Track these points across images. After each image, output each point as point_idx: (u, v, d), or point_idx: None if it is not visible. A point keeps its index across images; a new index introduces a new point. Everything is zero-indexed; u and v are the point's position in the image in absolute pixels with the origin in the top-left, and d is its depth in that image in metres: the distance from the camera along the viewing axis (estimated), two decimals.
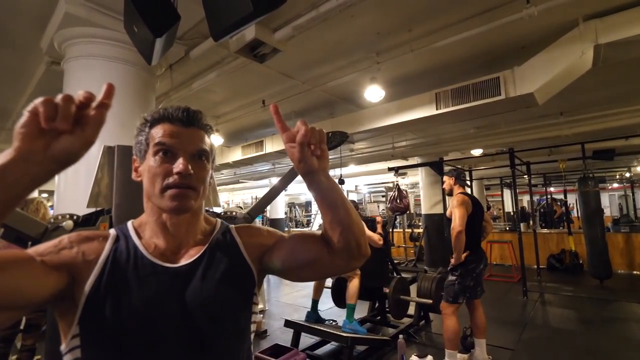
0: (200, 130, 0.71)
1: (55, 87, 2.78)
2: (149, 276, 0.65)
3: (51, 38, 2.60)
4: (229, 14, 1.91)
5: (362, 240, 0.71)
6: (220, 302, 0.68)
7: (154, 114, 0.71)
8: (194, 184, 0.67)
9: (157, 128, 0.69)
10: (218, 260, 0.72)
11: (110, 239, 0.69)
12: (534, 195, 8.43)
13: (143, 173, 0.69)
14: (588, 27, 2.88)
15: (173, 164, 0.65)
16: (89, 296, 0.61)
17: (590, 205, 5.95)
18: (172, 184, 0.65)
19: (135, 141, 0.72)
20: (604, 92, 4.65)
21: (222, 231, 0.78)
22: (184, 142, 0.68)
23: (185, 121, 0.69)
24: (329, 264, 0.73)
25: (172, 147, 0.67)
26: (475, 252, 2.98)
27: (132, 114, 2.59)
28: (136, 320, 0.61)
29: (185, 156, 0.66)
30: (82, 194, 1.75)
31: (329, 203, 0.68)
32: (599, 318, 4.35)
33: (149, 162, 0.67)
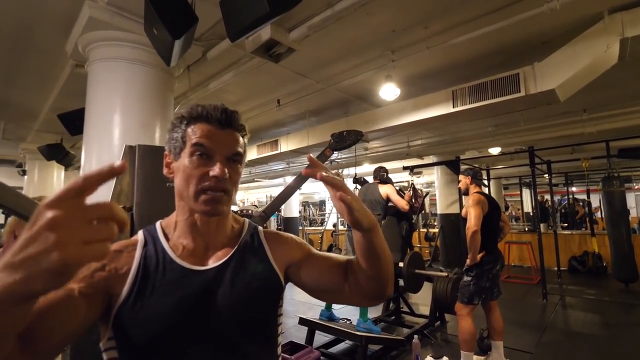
0: (236, 132, 0.71)
1: (80, 89, 2.90)
2: (177, 280, 0.66)
3: (75, 41, 2.69)
4: (245, 15, 1.94)
5: (390, 287, 0.73)
6: (250, 307, 0.68)
7: (191, 111, 0.69)
8: (228, 188, 0.67)
9: (194, 127, 0.68)
10: (246, 264, 0.72)
11: (138, 246, 0.69)
12: (555, 195, 8.18)
13: (176, 171, 0.69)
14: (614, 20, 2.77)
15: (209, 166, 0.65)
16: (122, 304, 0.62)
17: (615, 205, 5.73)
18: (207, 187, 0.65)
19: (169, 137, 0.71)
20: (631, 88, 4.46)
21: (250, 233, 0.78)
22: (221, 144, 0.67)
23: (223, 122, 0.68)
24: (348, 298, 0.76)
25: (209, 149, 0.66)
26: (491, 252, 2.93)
27: (152, 114, 2.67)
28: (166, 326, 0.62)
29: (222, 159, 0.66)
30: (105, 192, 1.82)
31: (372, 255, 0.68)
32: (623, 323, 4.19)
33: (184, 161, 0.67)
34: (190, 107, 0.70)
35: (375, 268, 0.69)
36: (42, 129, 5.44)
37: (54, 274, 0.35)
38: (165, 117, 2.77)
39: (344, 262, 0.77)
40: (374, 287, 0.72)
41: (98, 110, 2.57)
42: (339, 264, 0.77)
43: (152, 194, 1.79)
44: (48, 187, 6.75)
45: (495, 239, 3.04)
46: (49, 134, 5.52)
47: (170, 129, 0.71)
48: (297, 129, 6.12)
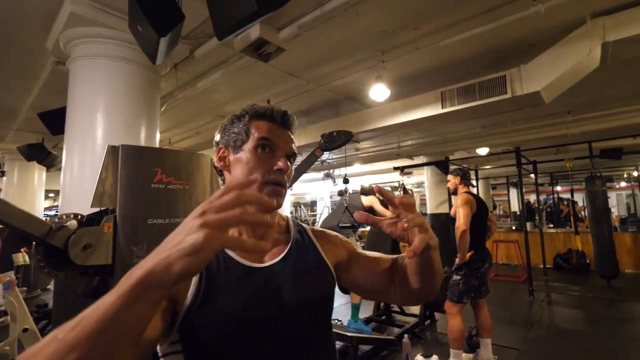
0: (291, 135, 0.76)
1: (61, 87, 2.81)
2: (241, 278, 0.67)
3: (57, 38, 2.61)
4: (233, 13, 1.90)
5: (432, 295, 0.76)
6: (312, 303, 0.70)
7: (255, 108, 0.74)
8: (286, 182, 0.70)
9: (259, 122, 0.72)
10: (303, 260, 0.74)
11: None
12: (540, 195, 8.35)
13: (235, 163, 0.72)
14: (596, 25, 2.83)
15: (271, 161, 0.69)
16: (189, 308, 0.62)
17: (598, 204, 5.88)
18: (272, 180, 0.68)
19: (229, 130, 0.74)
20: (612, 91, 4.58)
21: (297, 230, 0.80)
22: (283, 141, 0.72)
23: (285, 123, 0.73)
24: (393, 298, 0.80)
25: (274, 144, 0.70)
26: (479, 251, 2.96)
27: (137, 113, 2.61)
28: (235, 325, 0.62)
29: (284, 154, 0.71)
30: (87, 194, 1.76)
31: (430, 272, 0.70)
32: (606, 318, 4.30)
33: (247, 154, 0.70)
34: (251, 105, 0.75)
35: (430, 283, 0.71)
36: (22, 128, 5.27)
37: (191, 254, 0.38)
38: (151, 117, 2.71)
39: (390, 263, 0.79)
40: (422, 295, 0.74)
41: (80, 109, 2.50)
42: (386, 265, 0.79)
43: (136, 195, 1.75)
44: (28, 189, 6.54)
45: (483, 238, 3.08)
46: (29, 133, 5.34)
47: (228, 124, 0.75)
48: None
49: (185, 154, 1.99)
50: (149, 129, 2.65)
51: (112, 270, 1.66)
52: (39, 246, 1.49)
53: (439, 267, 0.70)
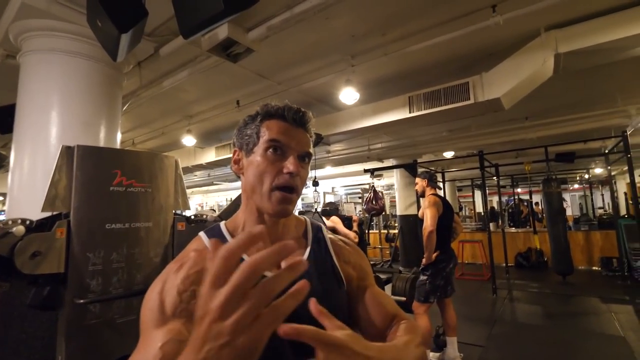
0: (306, 133, 0.71)
1: (10, 83, 2.61)
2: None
3: (6, 29, 2.42)
4: (198, 12, 1.85)
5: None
6: (333, 312, 0.64)
7: (267, 108, 0.70)
8: (298, 186, 0.67)
9: (270, 123, 0.68)
10: (321, 267, 0.71)
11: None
12: (502, 196, 8.79)
13: (248, 166, 0.69)
14: (549, 37, 3.03)
15: (282, 163, 0.66)
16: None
17: (554, 205, 6.27)
18: (281, 184, 0.65)
19: (242, 133, 0.71)
20: (565, 99, 4.91)
21: (315, 236, 0.76)
22: (295, 141, 0.68)
23: (297, 121, 0.69)
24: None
25: (284, 145, 0.66)
26: (445, 251, 3.06)
27: (97, 112, 2.47)
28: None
29: (295, 156, 0.67)
30: (39, 197, 1.63)
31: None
32: (562, 312, 4.58)
33: (257, 157, 0.67)
34: (264, 105, 0.71)
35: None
36: None
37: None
38: (111, 116, 2.58)
39: (392, 316, 0.71)
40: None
41: (32, 107, 2.33)
42: (387, 318, 0.71)
43: (92, 198, 1.65)
44: None
45: (449, 239, 3.18)
46: None
47: (242, 125, 0.72)
48: None
49: (147, 155, 1.90)
50: (109, 129, 2.52)
51: (65, 278, 1.55)
52: None
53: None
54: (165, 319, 0.56)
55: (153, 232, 1.82)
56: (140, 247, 1.76)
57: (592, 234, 7.43)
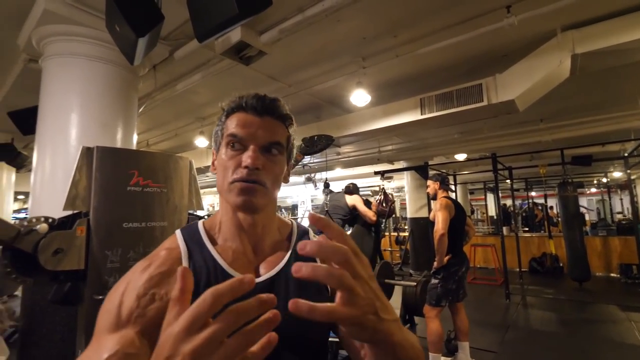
0: (275, 120, 0.66)
1: (33, 85, 2.71)
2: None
3: (29, 35, 2.52)
4: (213, 16, 1.89)
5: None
6: (307, 325, 0.59)
7: (230, 102, 0.67)
8: (263, 180, 0.62)
9: (231, 118, 0.65)
10: (300, 281, 0.63)
11: (184, 260, 0.62)
12: (516, 199, 8.63)
13: (217, 166, 0.67)
14: (566, 37, 2.98)
15: (242, 157, 0.62)
16: None
17: (570, 209, 6.13)
18: (238, 178, 0.61)
19: (213, 132, 0.70)
20: (582, 100, 4.81)
21: (300, 237, 0.72)
22: (255, 132, 0.63)
23: (259, 110, 0.64)
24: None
25: (243, 139, 0.62)
26: (457, 255, 3.03)
27: (114, 114, 2.54)
28: None
29: (256, 148, 0.62)
30: (59, 196, 1.70)
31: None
32: (578, 320, 4.47)
33: (221, 154, 0.65)
34: (231, 98, 0.67)
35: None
36: None
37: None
38: (128, 118, 2.65)
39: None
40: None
41: (53, 109, 2.41)
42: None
43: (111, 198, 1.70)
44: None
45: (460, 242, 3.15)
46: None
47: (217, 124, 0.69)
48: None
49: (162, 156, 1.95)
50: (125, 131, 2.59)
51: (85, 275, 1.60)
52: (6, 251, 1.43)
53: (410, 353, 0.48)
54: (119, 324, 0.54)
55: (168, 231, 1.86)
56: (156, 246, 1.78)
57: (611, 239, 7.22)
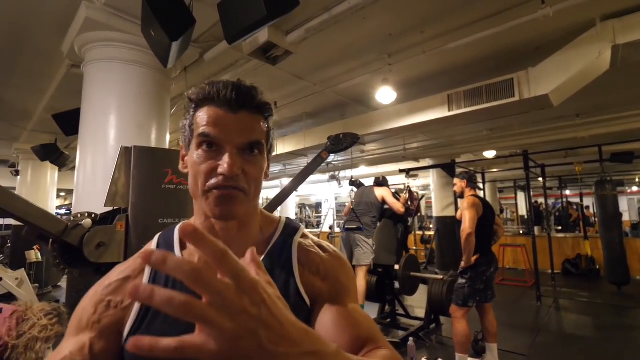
0: (253, 115, 0.57)
1: (75, 90, 2.89)
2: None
3: (72, 42, 2.69)
4: (243, 18, 1.95)
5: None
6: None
7: (199, 92, 0.57)
8: (243, 185, 0.54)
9: (201, 112, 0.56)
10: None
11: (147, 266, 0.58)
12: (549, 199, 8.26)
13: (188, 166, 0.59)
14: (605, 27, 2.82)
15: (218, 160, 0.54)
16: (124, 341, 0.54)
17: (608, 209, 5.80)
18: (214, 185, 0.53)
19: (180, 125, 0.60)
20: (622, 94, 4.53)
21: (282, 239, 0.63)
22: (231, 132, 0.54)
23: (234, 104, 0.55)
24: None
25: (217, 140, 0.54)
26: (485, 255, 2.95)
27: (149, 115, 2.67)
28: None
29: (233, 151, 0.54)
30: (100, 193, 1.81)
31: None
32: (616, 325, 4.24)
33: (192, 154, 0.56)
34: (199, 87, 0.57)
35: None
36: (36, 129, 5.40)
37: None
38: (161, 119, 2.77)
39: (364, 340, 0.56)
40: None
41: (94, 111, 2.57)
42: (357, 342, 0.55)
43: (148, 195, 1.79)
44: (41, 188, 6.69)
45: (489, 242, 3.07)
46: (43, 134, 5.48)
47: (183, 115, 0.60)
48: (294, 131, 6.14)
49: None
50: (159, 131, 2.71)
51: None
52: (56, 244, 1.54)
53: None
54: (80, 328, 0.54)
55: None
56: None
57: None
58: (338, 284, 0.61)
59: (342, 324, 0.56)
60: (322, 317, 0.57)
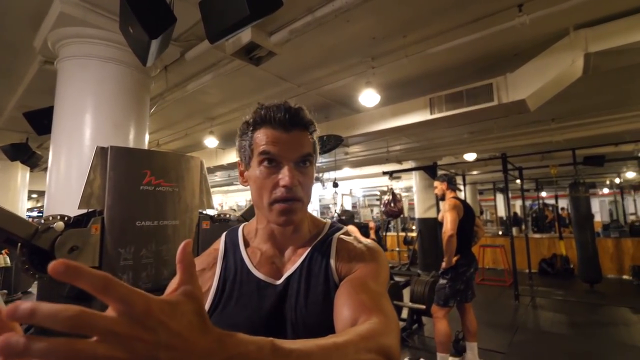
0: (302, 132, 0.66)
1: (48, 87, 2.77)
2: (253, 292, 0.66)
3: (45, 37, 2.58)
4: (225, 17, 1.92)
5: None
6: (317, 319, 0.63)
7: (255, 116, 0.67)
8: (300, 195, 0.64)
9: (259, 133, 0.66)
10: (312, 273, 0.67)
11: (219, 258, 0.71)
12: (526, 200, 8.53)
13: (249, 181, 0.68)
14: (578, 36, 2.93)
15: (278, 174, 0.63)
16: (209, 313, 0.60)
17: (581, 210, 6.04)
18: (279, 198, 0.63)
19: (239, 145, 0.70)
20: (595, 100, 4.73)
21: (325, 237, 0.72)
22: (287, 149, 0.64)
23: (287, 124, 0.64)
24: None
25: (277, 156, 0.63)
26: (465, 256, 3.01)
27: (127, 114, 2.59)
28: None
29: (290, 165, 0.63)
30: (74, 195, 1.74)
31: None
32: (588, 322, 4.41)
33: (255, 171, 0.66)
34: (254, 111, 0.67)
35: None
36: (5, 127, 5.15)
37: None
38: (140, 118, 2.69)
39: (366, 310, 0.56)
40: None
41: (68, 109, 2.46)
42: (357, 312, 0.57)
43: (124, 197, 1.74)
44: (11, 189, 6.39)
45: (469, 243, 3.13)
46: (13, 132, 5.23)
47: (239, 135, 0.70)
48: None
49: (174, 155, 1.98)
50: (138, 131, 2.63)
51: None
52: (24, 248, 1.47)
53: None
54: None
55: (180, 230, 1.89)
56: (168, 244, 1.83)
57: (623, 241, 7.09)
58: (359, 264, 0.68)
59: (345, 296, 0.60)
60: (337, 292, 0.64)
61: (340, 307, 0.60)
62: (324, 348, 0.41)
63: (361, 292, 0.60)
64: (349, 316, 0.56)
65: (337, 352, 0.42)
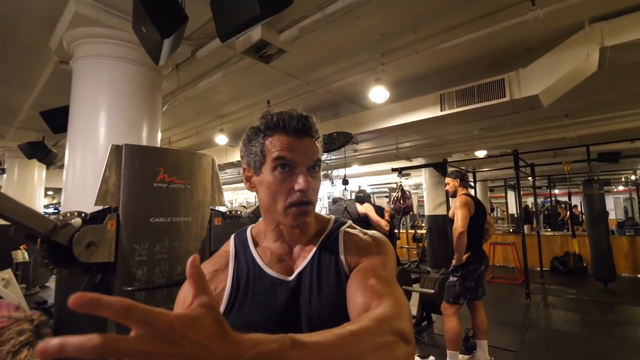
0: (312, 139, 0.69)
1: (63, 86, 2.83)
2: (267, 290, 0.68)
3: (60, 38, 2.63)
4: (236, 16, 1.93)
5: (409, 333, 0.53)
6: (332, 312, 0.65)
7: (267, 122, 0.68)
8: (312, 198, 0.68)
9: (272, 139, 0.67)
10: (323, 267, 0.70)
11: (231, 259, 0.73)
12: (538, 197, 8.40)
13: (259, 185, 0.70)
14: (594, 30, 2.87)
15: (293, 180, 0.66)
16: (223, 314, 0.63)
17: (595, 207, 5.92)
18: (295, 201, 0.65)
19: (247, 151, 0.70)
20: (610, 95, 4.62)
21: (331, 232, 0.74)
22: (301, 155, 0.66)
23: (300, 131, 0.67)
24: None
25: (291, 162, 0.65)
26: (476, 253, 2.99)
27: (140, 113, 2.63)
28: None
29: (304, 171, 0.66)
30: (90, 192, 1.78)
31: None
32: (602, 321, 4.33)
33: (267, 176, 0.67)
34: (264, 118, 0.69)
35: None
36: (22, 126, 5.28)
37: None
38: (153, 117, 2.74)
39: (377, 297, 0.58)
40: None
41: (83, 108, 2.52)
42: (370, 299, 0.59)
43: (138, 194, 1.77)
44: (28, 186, 6.55)
45: (480, 240, 3.11)
46: (30, 131, 5.36)
47: (246, 141, 0.71)
48: None
49: (186, 153, 2.01)
50: (150, 129, 2.68)
51: (115, 267, 1.69)
52: (44, 243, 1.52)
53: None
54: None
55: (192, 226, 1.92)
56: (181, 240, 1.87)
57: (638, 239, 6.94)
58: (366, 255, 0.70)
59: (357, 284, 0.63)
60: (348, 282, 0.66)
61: (352, 295, 0.62)
62: (342, 337, 0.42)
63: (371, 279, 0.63)
64: (361, 303, 0.59)
65: (354, 339, 0.44)
